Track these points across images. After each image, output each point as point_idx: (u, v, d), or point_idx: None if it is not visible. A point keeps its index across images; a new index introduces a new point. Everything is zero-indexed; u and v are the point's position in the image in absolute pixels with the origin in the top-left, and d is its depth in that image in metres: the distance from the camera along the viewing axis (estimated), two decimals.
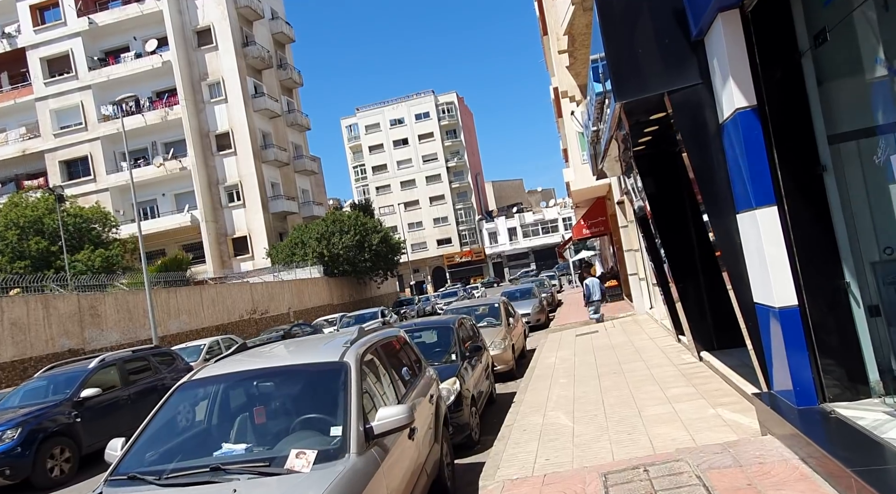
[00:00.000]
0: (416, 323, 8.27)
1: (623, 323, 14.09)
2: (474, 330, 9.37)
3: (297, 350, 4.59)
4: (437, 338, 8.16)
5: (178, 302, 21.47)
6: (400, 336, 5.62)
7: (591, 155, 10.04)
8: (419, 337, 8.15)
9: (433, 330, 8.25)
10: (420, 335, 8.20)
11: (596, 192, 19.90)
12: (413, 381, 5.06)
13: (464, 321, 8.79)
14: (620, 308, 18.92)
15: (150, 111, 42.17)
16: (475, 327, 9.58)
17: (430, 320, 8.99)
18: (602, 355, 10.11)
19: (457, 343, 7.71)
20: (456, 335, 7.88)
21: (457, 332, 7.94)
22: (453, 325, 8.08)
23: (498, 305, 12.44)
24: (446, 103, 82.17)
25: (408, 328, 8.28)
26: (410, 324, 8.41)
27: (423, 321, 8.77)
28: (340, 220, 37.24)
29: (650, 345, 10.03)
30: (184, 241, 42.86)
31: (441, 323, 8.34)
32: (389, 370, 4.59)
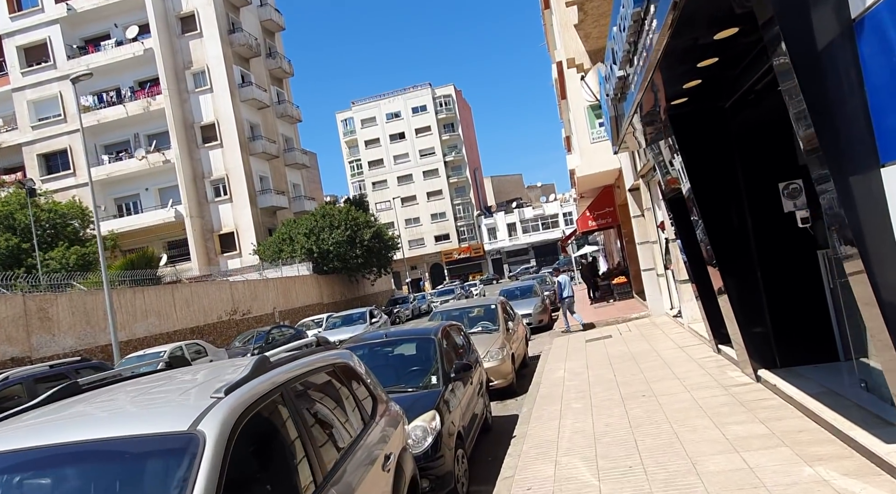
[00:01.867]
0: (387, 334, 6.38)
1: (640, 326, 12.21)
2: (465, 340, 7.49)
3: (133, 403, 2.71)
4: (415, 352, 6.29)
5: (145, 303, 19.58)
6: (343, 365, 3.74)
7: (612, 120, 8.16)
8: (390, 353, 6.28)
9: (410, 343, 6.36)
10: (391, 349, 6.33)
11: (603, 179, 18.02)
12: (356, 442, 3.18)
13: (450, 330, 6.90)
14: (631, 308, 17.04)
15: (132, 102, 40.21)
16: (466, 335, 7.70)
17: (407, 329, 7.09)
18: (622, 368, 8.24)
19: (440, 360, 5.84)
20: (439, 348, 6.00)
21: (440, 345, 6.06)
22: (436, 336, 6.20)
23: (495, 306, 10.56)
24: (444, 96, 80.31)
25: (375, 340, 6.40)
26: (379, 335, 6.52)
27: (397, 332, 6.89)
28: (330, 214, 35.33)
29: (681, 356, 8.16)
30: (168, 237, 41.01)
31: (420, 334, 6.45)
32: (306, 431, 2.71)
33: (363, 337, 6.83)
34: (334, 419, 3.20)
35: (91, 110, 40.49)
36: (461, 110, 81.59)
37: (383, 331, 6.52)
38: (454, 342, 6.85)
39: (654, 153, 7.94)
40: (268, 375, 2.75)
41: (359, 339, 6.64)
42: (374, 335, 6.80)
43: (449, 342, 6.61)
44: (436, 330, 6.35)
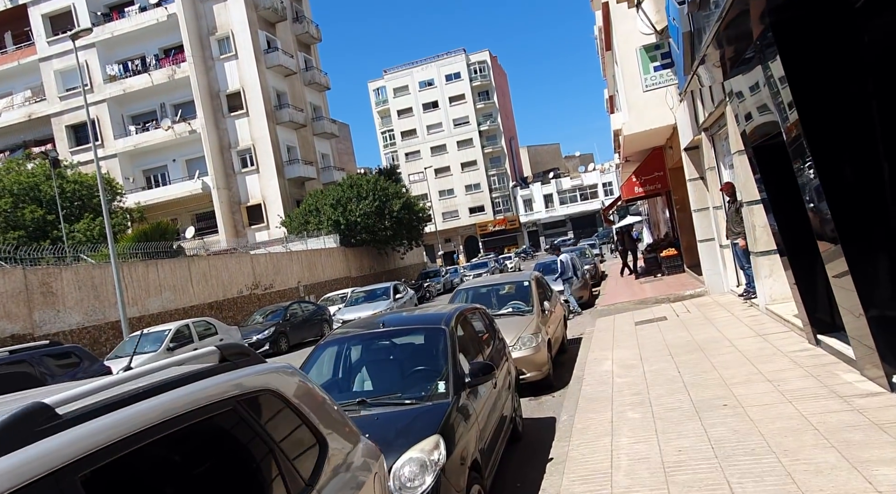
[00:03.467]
0: (385, 322, 4.82)
1: (699, 306, 10.41)
2: (488, 326, 5.94)
3: None
4: (419, 347, 4.74)
5: (159, 277, 18.61)
6: (267, 396, 2.21)
7: (685, 38, 6.34)
8: (387, 347, 4.77)
9: (413, 334, 4.81)
10: (389, 342, 4.80)
11: (653, 139, 16.00)
12: None
13: (469, 315, 5.34)
14: (683, 283, 15.18)
15: (157, 70, 39.32)
16: (491, 320, 6.14)
17: (413, 315, 5.53)
18: (688, 362, 6.56)
19: (450, 360, 4.29)
20: (450, 343, 4.44)
21: (452, 337, 4.50)
22: (448, 325, 4.63)
23: (528, 283, 8.93)
24: (478, 63, 77.62)
25: (368, 331, 4.88)
26: (375, 323, 4.94)
27: (399, 318, 5.31)
28: (358, 185, 33.95)
29: (765, 349, 6.42)
30: (197, 210, 40.47)
31: (428, 322, 4.88)
32: None
33: (356, 324, 5.32)
34: None
35: (117, 79, 39.84)
36: (496, 77, 78.78)
37: (381, 318, 4.98)
38: (473, 332, 5.28)
39: (735, 89, 6.10)
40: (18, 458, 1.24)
41: (349, 328, 5.13)
42: (367, 322, 5.27)
43: (467, 332, 5.05)
44: (449, 317, 4.78)
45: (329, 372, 4.64)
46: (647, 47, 10.40)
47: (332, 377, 4.55)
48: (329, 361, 4.69)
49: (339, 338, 4.79)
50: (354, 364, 4.70)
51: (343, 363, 4.67)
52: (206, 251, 28.00)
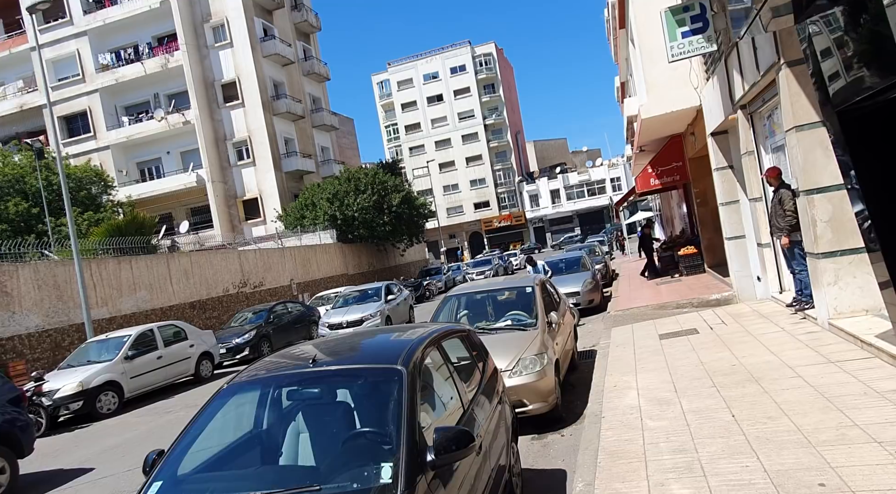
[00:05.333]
0: (318, 357, 3.25)
1: (735, 316, 8.80)
2: (475, 353, 4.40)
3: None
4: (356, 406, 3.17)
5: (133, 274, 17.15)
6: None
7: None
8: (311, 405, 3.24)
9: (355, 380, 3.24)
10: (315, 393, 3.25)
11: (673, 124, 14.39)
12: None
13: (444, 343, 3.79)
14: (706, 286, 13.60)
15: (150, 59, 37.91)
16: (477, 344, 4.60)
17: (361, 346, 3.92)
18: (740, 399, 4.99)
19: (404, 425, 2.73)
20: (405, 396, 2.88)
21: (408, 387, 2.94)
22: (407, 365, 3.07)
23: (531, 290, 7.35)
24: (484, 55, 75.86)
25: (288, 371, 3.33)
26: (307, 358, 3.34)
27: (335, 349, 3.71)
28: (356, 178, 32.42)
29: (847, 382, 4.83)
30: (191, 204, 39.12)
31: (378, 358, 3.33)
32: None
33: (280, 358, 3.74)
34: None
35: (109, 69, 38.46)
36: (502, 70, 77.00)
37: (319, 347, 3.43)
38: (448, 369, 3.72)
39: (815, 32, 4.50)
40: None
41: (269, 364, 3.56)
42: (297, 355, 3.68)
43: (439, 370, 3.50)
44: (410, 352, 3.21)
45: (226, 435, 3.12)
46: (674, 9, 8.79)
47: (223, 450, 3.02)
48: (229, 417, 3.17)
49: (247, 382, 3.26)
50: (268, 422, 3.17)
51: (248, 421, 3.15)
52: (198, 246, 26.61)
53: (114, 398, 11.01)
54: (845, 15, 4.03)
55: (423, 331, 3.76)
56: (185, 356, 12.86)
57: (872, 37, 3.74)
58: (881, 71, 3.86)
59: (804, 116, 6.37)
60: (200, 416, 3.11)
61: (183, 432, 3.04)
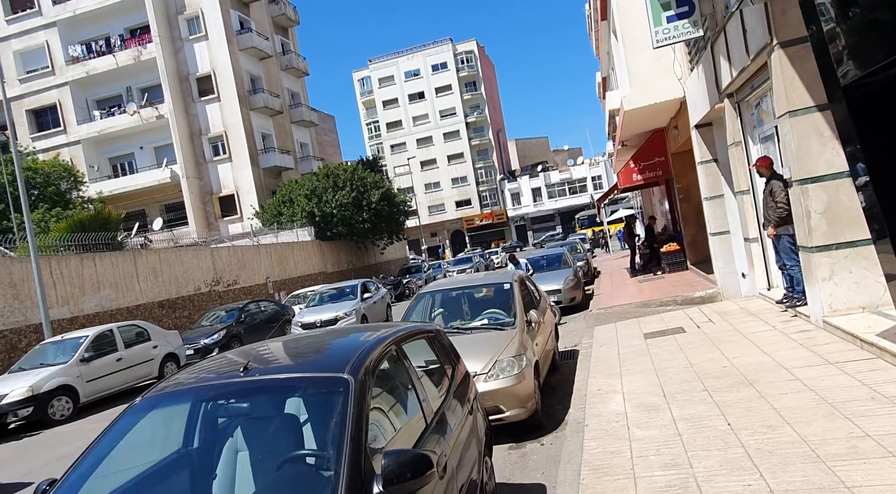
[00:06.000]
0: (251, 364, 2.75)
1: (723, 313, 8.42)
2: (443, 356, 3.92)
3: None
4: (294, 425, 2.66)
5: (97, 272, 16.38)
6: None
7: None
8: (242, 421, 2.72)
9: (293, 392, 2.73)
10: (245, 408, 2.74)
11: (656, 117, 14.04)
12: None
13: (406, 345, 3.30)
14: (689, 283, 13.28)
15: (122, 51, 36.82)
16: (446, 346, 4.12)
17: (304, 351, 3.37)
18: (735, 404, 4.57)
19: (346, 449, 2.23)
20: (351, 412, 2.38)
21: (354, 401, 2.43)
22: (355, 374, 2.56)
23: (510, 286, 6.89)
24: (465, 53, 75.46)
25: (217, 380, 2.81)
26: (238, 365, 2.83)
27: (273, 354, 3.18)
28: (335, 174, 31.76)
29: (850, 385, 4.43)
30: (165, 200, 38.11)
31: (321, 366, 2.82)
32: None
33: (208, 366, 3.21)
34: None
35: (80, 61, 37.27)
36: (484, 68, 76.68)
37: (254, 351, 2.92)
38: (409, 376, 3.23)
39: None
40: None
41: (193, 373, 3.04)
42: (226, 362, 3.15)
43: (398, 377, 3.01)
44: (360, 358, 2.71)
45: (142, 457, 2.60)
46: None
47: (139, 475, 2.50)
48: (145, 436, 2.65)
49: (166, 394, 2.74)
50: (194, 441, 2.65)
51: (170, 441, 2.63)
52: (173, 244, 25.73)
53: (68, 403, 10.33)
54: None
55: (382, 333, 3.26)
56: (148, 358, 12.20)
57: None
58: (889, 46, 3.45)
59: (798, 100, 5.99)
60: (106, 435, 2.58)
61: (83, 455, 2.51)
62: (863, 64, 3.92)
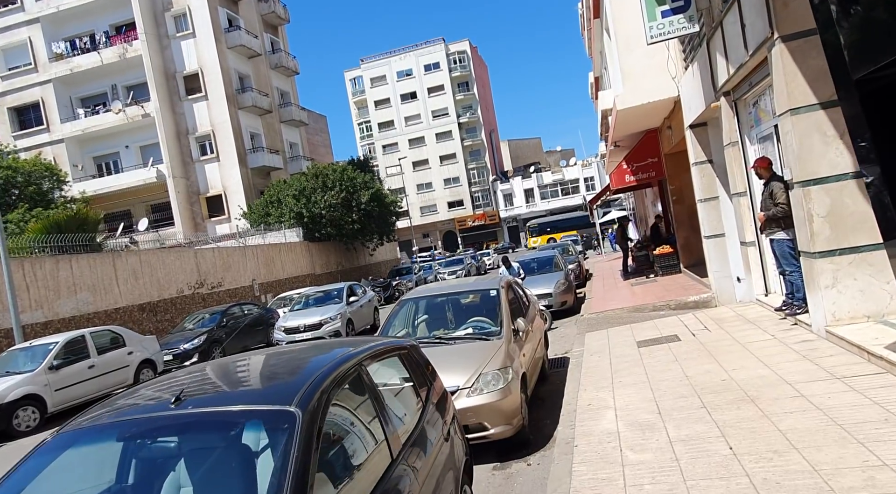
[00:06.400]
0: (184, 396, 2.34)
1: (718, 320, 8.10)
2: (416, 373, 3.54)
3: None
4: (227, 468, 2.27)
5: (73, 275, 15.88)
6: None
7: None
8: (173, 464, 2.32)
9: (228, 430, 2.33)
10: (172, 448, 2.35)
11: (649, 117, 13.73)
12: None
13: (372, 365, 2.92)
14: (683, 287, 12.99)
15: (108, 48, 36.19)
16: (422, 364, 3.74)
17: (245, 377, 2.97)
18: (736, 424, 4.23)
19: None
20: (294, 456, 1.99)
21: (300, 442, 2.05)
22: (304, 408, 2.17)
23: (496, 292, 6.52)
24: (458, 53, 75.16)
25: (141, 415, 2.42)
26: (169, 396, 2.43)
27: (212, 381, 2.77)
28: (324, 174, 31.31)
29: (860, 404, 4.09)
30: (151, 200, 37.51)
31: (264, 397, 2.44)
32: None
33: (136, 396, 2.81)
34: None
35: (63, 58, 36.60)
36: (476, 68, 76.38)
37: (188, 376, 2.53)
38: (376, 403, 2.85)
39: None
40: None
41: (117, 405, 2.64)
42: (153, 393, 2.74)
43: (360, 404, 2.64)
44: (312, 388, 2.32)
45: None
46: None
47: None
48: (57, 478, 2.25)
49: (84, 430, 2.35)
50: (117, 485, 2.26)
51: (89, 484, 2.24)
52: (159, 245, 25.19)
53: (34, 413, 9.86)
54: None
55: (345, 352, 2.88)
56: (123, 365, 11.73)
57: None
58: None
59: (800, 97, 5.66)
60: (8, 479, 2.18)
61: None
62: (876, 56, 3.58)
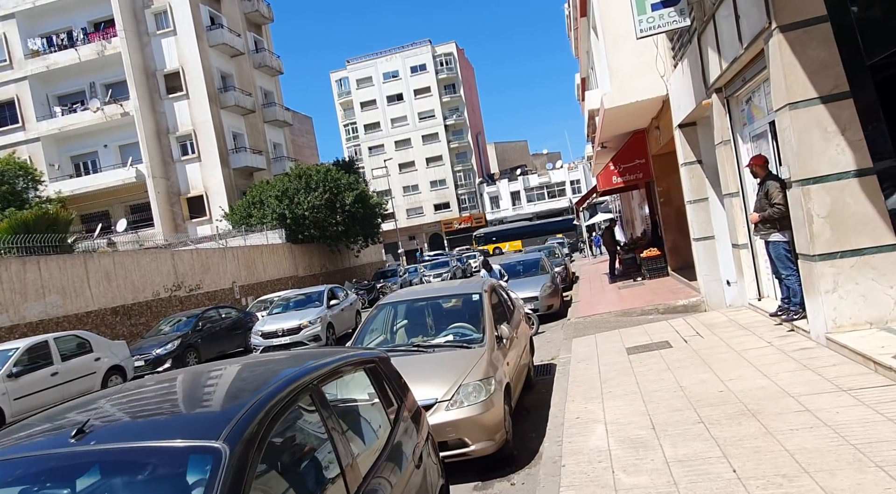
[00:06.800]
0: (90, 428, 1.94)
1: (712, 327, 7.76)
2: (385, 389, 3.14)
3: None
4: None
5: (42, 277, 15.26)
6: None
7: None
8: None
9: (138, 471, 1.92)
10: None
11: (637, 116, 13.45)
12: None
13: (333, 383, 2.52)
14: (671, 290, 12.71)
15: (85, 45, 35.37)
16: (387, 377, 3.34)
17: (166, 406, 2.56)
18: (738, 442, 3.88)
19: None
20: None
21: (232, 483, 1.64)
22: (233, 444, 1.78)
23: (479, 297, 6.13)
24: (444, 55, 74.92)
25: (38, 452, 1.99)
26: (70, 428, 2.00)
27: (124, 407, 2.35)
28: (307, 175, 30.78)
29: (871, 419, 3.79)
30: (130, 201, 36.72)
31: (184, 428, 2.04)
32: None
33: (35, 425, 2.37)
34: None
35: (40, 55, 35.72)
36: (463, 70, 76.17)
37: (94, 407, 2.10)
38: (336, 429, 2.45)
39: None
40: None
41: (13, 439, 2.21)
42: (54, 423, 2.31)
43: (309, 433, 2.24)
44: (245, 419, 1.91)
45: None
46: None
47: None
48: None
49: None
50: None
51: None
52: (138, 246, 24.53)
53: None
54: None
55: (295, 371, 2.47)
56: (89, 371, 11.19)
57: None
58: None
59: (800, 91, 5.35)
60: None
61: None
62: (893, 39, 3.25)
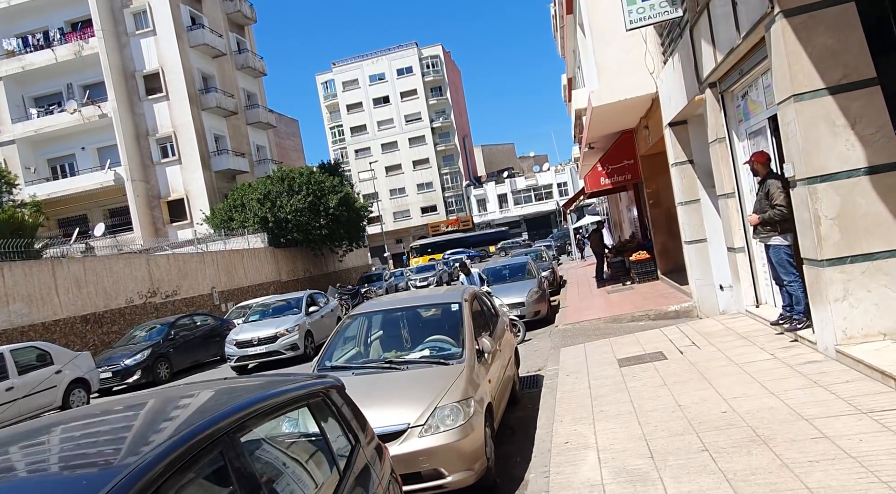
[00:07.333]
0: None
1: (709, 336, 7.29)
2: (338, 426, 2.62)
3: None
4: None
5: (6, 284, 14.53)
6: None
7: None
8: None
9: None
10: None
11: (626, 115, 13.05)
12: None
13: (264, 425, 1.99)
14: (662, 295, 12.29)
15: (62, 45, 34.51)
16: (339, 410, 2.82)
17: (69, 441, 2.06)
18: (752, 478, 3.43)
19: None
20: None
21: None
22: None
23: (458, 307, 5.62)
24: (431, 57, 74.60)
25: None
26: None
27: (27, 438, 1.91)
28: (290, 178, 30.15)
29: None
30: (109, 204, 35.85)
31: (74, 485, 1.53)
32: None
33: None
34: None
35: (15, 55, 34.78)
36: (450, 73, 75.88)
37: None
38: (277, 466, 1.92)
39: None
40: None
41: None
42: None
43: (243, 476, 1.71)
44: (146, 466, 1.42)
45: None
46: None
47: None
48: None
49: None
50: None
51: None
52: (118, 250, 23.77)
53: None
54: None
55: (203, 420, 1.94)
56: (50, 385, 10.54)
57: None
58: None
59: (805, 81, 4.91)
60: None
61: None
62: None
